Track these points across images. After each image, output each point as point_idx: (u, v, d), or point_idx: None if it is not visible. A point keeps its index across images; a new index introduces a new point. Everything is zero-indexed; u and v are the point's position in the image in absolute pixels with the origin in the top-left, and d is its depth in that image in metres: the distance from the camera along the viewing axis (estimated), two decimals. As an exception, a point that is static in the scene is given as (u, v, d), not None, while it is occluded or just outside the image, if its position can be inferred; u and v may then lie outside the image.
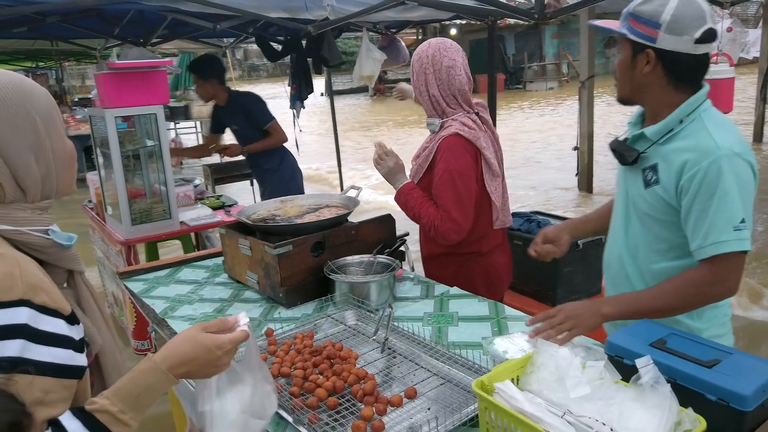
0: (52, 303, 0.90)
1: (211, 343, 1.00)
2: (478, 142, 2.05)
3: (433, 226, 2.04)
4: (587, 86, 7.19)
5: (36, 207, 1.00)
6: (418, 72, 2.09)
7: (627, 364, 1.22)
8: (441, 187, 2.03)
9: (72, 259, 1.05)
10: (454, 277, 2.15)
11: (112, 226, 3.49)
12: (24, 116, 0.96)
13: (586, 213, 2.03)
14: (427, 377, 1.42)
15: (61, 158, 1.04)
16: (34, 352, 0.86)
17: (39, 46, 8.95)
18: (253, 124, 3.89)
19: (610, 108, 14.98)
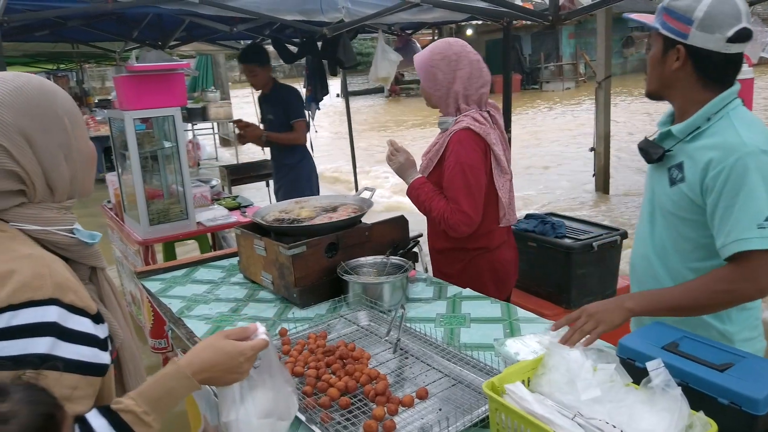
0: (80, 302, 0.93)
1: (233, 349, 1.03)
2: (488, 137, 2.07)
3: (443, 218, 2.07)
4: (604, 87, 7.13)
5: (62, 207, 1.03)
6: (444, 69, 2.09)
7: (638, 366, 1.22)
8: (451, 179, 2.06)
9: (95, 256, 1.08)
10: (462, 273, 2.18)
11: (130, 226, 3.54)
12: (53, 116, 1.00)
13: (601, 215, 2.00)
14: (438, 378, 1.43)
15: (87, 158, 1.07)
16: (62, 350, 0.89)
17: (60, 49, 9.11)
18: (287, 116, 3.92)
19: (628, 109, 14.85)
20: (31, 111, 0.97)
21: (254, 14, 3.46)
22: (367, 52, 23.41)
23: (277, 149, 4.11)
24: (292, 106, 3.94)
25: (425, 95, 2.20)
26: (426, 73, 2.12)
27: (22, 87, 0.98)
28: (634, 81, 21.66)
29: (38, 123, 0.97)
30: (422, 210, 2.16)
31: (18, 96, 0.97)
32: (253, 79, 3.96)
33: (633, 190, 7.58)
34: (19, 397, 0.68)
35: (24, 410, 0.67)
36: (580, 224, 3.39)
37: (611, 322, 1.42)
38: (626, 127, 12.03)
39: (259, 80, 3.96)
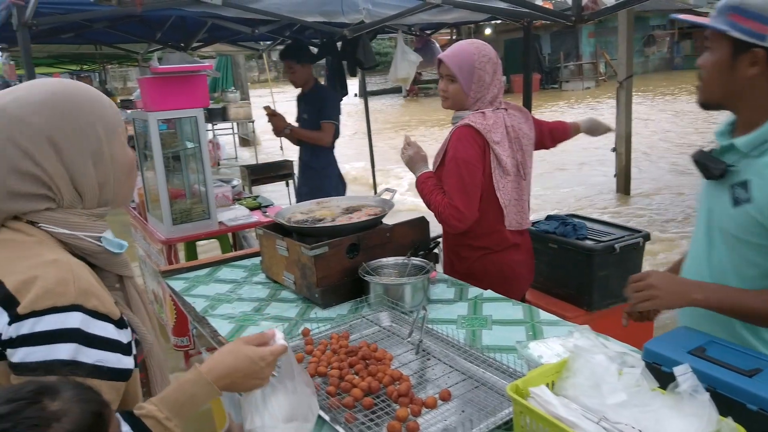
0: (103, 308, 0.94)
1: (255, 354, 1.05)
2: (489, 135, 2.08)
3: (438, 212, 2.14)
4: (626, 86, 7.05)
5: (91, 213, 1.04)
6: (489, 72, 2.12)
7: (665, 371, 1.21)
8: (446, 174, 2.12)
9: (122, 264, 1.10)
10: (469, 271, 2.21)
11: (153, 225, 3.60)
12: (88, 124, 1.01)
13: (622, 216, 1.97)
14: (461, 380, 1.44)
15: (121, 167, 1.08)
16: (85, 355, 0.90)
17: (83, 50, 9.27)
18: (320, 117, 3.90)
19: (649, 108, 14.67)
20: (62, 117, 0.98)
21: (276, 16, 3.49)
22: (385, 51, 23.42)
23: (304, 151, 4.08)
24: (325, 107, 3.91)
25: (455, 94, 2.17)
26: (469, 74, 2.12)
27: (56, 93, 1.00)
28: (655, 80, 21.40)
29: (68, 129, 0.99)
30: (425, 203, 2.22)
31: (50, 101, 0.98)
32: (292, 76, 3.93)
33: (654, 191, 7.49)
34: (69, 396, 0.70)
35: (75, 408, 0.69)
36: (601, 226, 3.36)
37: (666, 304, 1.37)
38: (648, 128, 11.89)
39: (298, 77, 3.92)
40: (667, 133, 11.56)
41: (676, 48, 27.57)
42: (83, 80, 15.26)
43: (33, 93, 0.99)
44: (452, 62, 2.13)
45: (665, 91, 18.63)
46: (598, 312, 3.13)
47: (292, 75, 3.92)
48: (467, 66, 2.12)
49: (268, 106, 4.06)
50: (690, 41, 27.41)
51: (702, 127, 11.88)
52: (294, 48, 3.95)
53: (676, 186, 7.64)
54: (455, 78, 2.14)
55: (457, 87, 2.16)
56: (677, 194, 7.26)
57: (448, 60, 2.15)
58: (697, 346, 1.25)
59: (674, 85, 20.25)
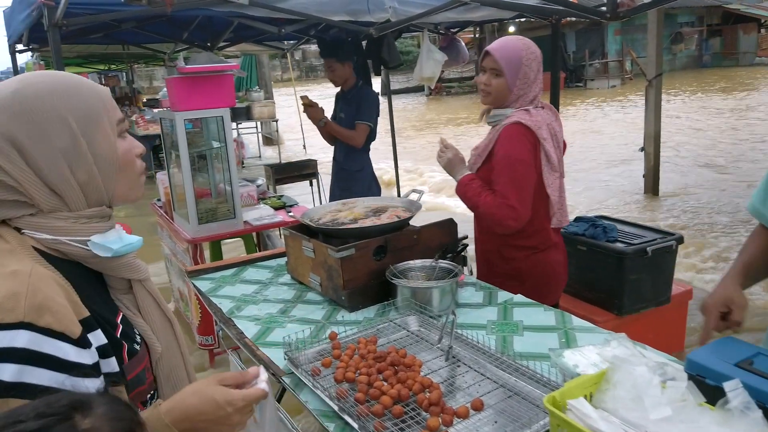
0: (58, 325, 0.85)
1: (222, 398, 0.93)
2: (539, 131, 2.04)
3: (490, 213, 2.06)
4: (655, 85, 6.90)
5: (81, 216, 0.96)
6: (534, 69, 2.08)
7: (710, 384, 1.16)
8: (499, 173, 2.05)
9: (124, 268, 1.02)
10: (515, 271, 2.15)
11: (179, 224, 3.62)
12: (54, 120, 0.92)
13: (651, 218, 1.90)
14: (493, 389, 1.39)
15: (108, 162, 0.97)
16: (34, 376, 0.82)
17: (111, 50, 9.41)
18: (356, 117, 3.82)
19: (678, 107, 14.37)
20: (24, 116, 0.90)
21: (302, 15, 3.47)
22: (407, 51, 23.37)
23: (338, 151, 4.01)
24: (362, 108, 3.81)
25: (499, 89, 2.10)
26: (516, 69, 2.06)
27: (19, 91, 0.91)
28: (683, 78, 20.96)
29: (33, 128, 0.90)
30: (470, 206, 2.16)
31: (10, 99, 0.90)
32: (331, 75, 3.85)
33: (683, 192, 7.32)
34: (102, 412, 0.66)
35: (106, 427, 0.65)
36: (632, 228, 3.29)
37: None
38: (676, 127, 11.64)
39: (337, 76, 3.84)
40: (697, 132, 11.31)
41: (704, 45, 26.99)
42: (111, 80, 15.55)
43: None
44: (500, 55, 2.06)
45: (693, 90, 18.24)
46: (629, 317, 3.06)
47: (331, 73, 3.84)
48: (515, 60, 2.06)
49: (306, 96, 3.97)
50: (719, 38, 26.81)
51: (731, 126, 11.60)
52: (334, 46, 3.85)
53: (706, 187, 7.46)
54: (501, 72, 2.07)
55: (501, 82, 2.09)
56: (707, 195, 7.09)
57: (496, 53, 2.07)
58: (744, 358, 1.19)
59: (703, 83, 19.81)
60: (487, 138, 2.17)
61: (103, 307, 0.99)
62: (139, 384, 1.02)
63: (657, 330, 3.18)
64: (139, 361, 1.02)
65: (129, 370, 0.99)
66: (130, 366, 1.00)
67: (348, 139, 3.83)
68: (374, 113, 3.87)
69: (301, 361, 1.55)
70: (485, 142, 2.16)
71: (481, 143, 2.19)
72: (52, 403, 0.65)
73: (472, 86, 25.49)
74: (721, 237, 5.54)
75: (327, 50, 3.84)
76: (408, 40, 25.26)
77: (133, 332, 1.04)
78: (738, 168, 8.37)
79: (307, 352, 1.60)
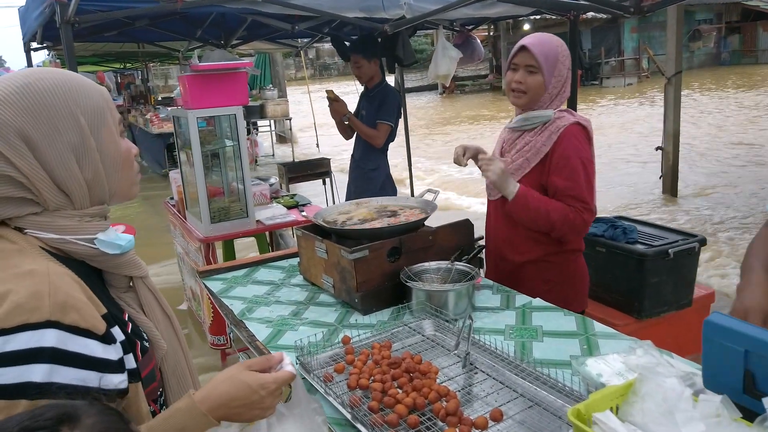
0: (83, 322, 0.85)
1: (255, 382, 0.94)
2: (592, 132, 2.00)
3: (567, 221, 1.94)
4: (674, 82, 6.77)
5: (84, 214, 0.95)
6: (567, 66, 2.00)
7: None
8: (574, 176, 1.94)
9: (128, 265, 1.01)
10: (554, 280, 2.05)
11: (192, 223, 3.59)
12: (65, 116, 0.91)
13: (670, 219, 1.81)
14: (512, 398, 1.34)
15: (113, 160, 0.98)
16: (62, 376, 0.81)
17: (126, 49, 9.45)
18: (377, 116, 3.78)
19: (696, 105, 14.16)
20: (35, 110, 0.89)
21: (317, 12, 3.43)
22: (420, 48, 23.27)
23: (357, 149, 3.97)
24: (384, 108, 3.76)
25: (535, 88, 1.97)
26: (553, 66, 1.95)
27: (30, 85, 0.90)
28: (700, 76, 20.66)
29: (43, 123, 0.89)
30: (534, 217, 1.97)
31: (22, 94, 0.89)
32: (357, 71, 3.80)
33: (703, 192, 7.19)
34: (91, 423, 0.62)
35: None
36: (652, 229, 3.21)
37: None
38: (694, 125, 11.45)
39: (363, 73, 3.79)
40: (716, 131, 11.12)
41: (723, 43, 26.57)
42: (126, 78, 15.65)
43: (3, 86, 0.89)
44: (539, 51, 1.93)
45: (712, 88, 17.96)
46: (649, 320, 2.99)
47: (357, 70, 3.79)
48: (552, 57, 1.95)
49: (331, 90, 3.91)
50: (738, 36, 26.38)
51: (752, 124, 11.38)
52: (362, 42, 3.81)
53: (726, 187, 7.31)
54: (539, 68, 1.94)
55: (538, 79, 1.95)
56: (727, 196, 6.95)
57: (534, 48, 1.93)
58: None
59: (721, 81, 19.50)
60: (531, 141, 2.01)
61: (110, 304, 0.98)
62: (151, 381, 1.02)
63: (677, 334, 3.10)
64: (150, 359, 1.02)
65: (142, 367, 0.99)
66: (143, 363, 0.99)
67: (370, 137, 3.79)
68: (395, 113, 3.82)
69: (313, 366, 1.50)
70: (534, 144, 1.99)
71: (524, 147, 2.03)
72: (37, 416, 0.61)
73: (486, 84, 25.35)
74: (742, 238, 5.42)
75: (355, 46, 3.80)
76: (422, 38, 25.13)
77: (140, 330, 1.03)
78: (759, 168, 8.20)
79: (319, 356, 1.55)
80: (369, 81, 3.84)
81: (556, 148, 1.95)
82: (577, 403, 1.27)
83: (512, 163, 2.05)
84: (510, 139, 2.13)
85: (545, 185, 2.00)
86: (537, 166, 2.00)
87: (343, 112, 3.81)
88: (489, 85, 25.22)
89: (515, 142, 2.08)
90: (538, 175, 1.99)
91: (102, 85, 1.02)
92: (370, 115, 3.80)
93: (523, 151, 2.03)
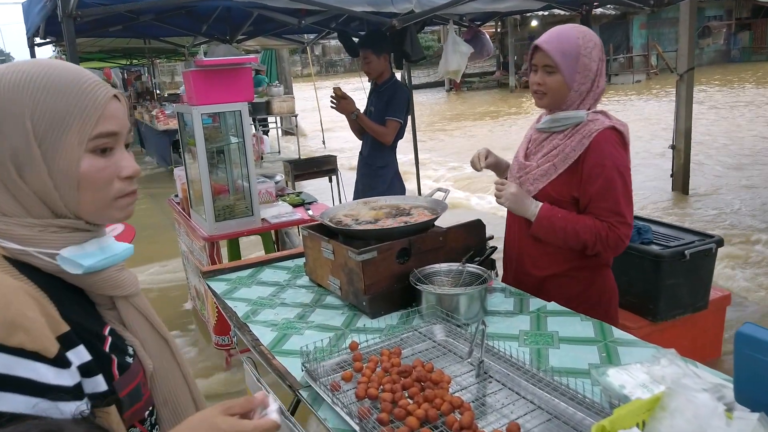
0: (31, 344, 0.76)
1: (230, 429, 0.84)
2: (629, 136, 1.84)
3: (599, 239, 1.77)
4: (686, 79, 6.65)
5: (49, 224, 0.86)
6: (596, 60, 1.80)
7: (778, 413, 1.02)
8: (611, 187, 1.77)
9: (105, 284, 0.91)
10: (579, 297, 1.89)
11: (196, 222, 3.54)
12: (10, 116, 0.82)
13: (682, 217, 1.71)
14: (530, 410, 1.27)
15: (65, 178, 0.85)
16: (6, 402, 0.73)
17: (133, 45, 9.42)
18: (386, 113, 3.71)
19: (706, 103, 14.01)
20: None
21: (324, 6, 3.37)
22: (427, 45, 23.14)
23: (365, 146, 3.91)
24: (393, 104, 3.69)
25: (557, 88, 1.81)
26: (574, 61, 1.77)
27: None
28: (710, 73, 20.45)
29: None
30: (560, 237, 1.84)
31: None
32: (366, 66, 3.73)
33: (714, 191, 7.07)
34: None
35: None
36: (667, 229, 3.13)
37: None
38: (705, 123, 11.32)
39: (372, 68, 3.72)
40: (727, 128, 10.98)
41: (733, 40, 26.30)
42: (132, 74, 15.63)
43: None
44: (552, 48, 1.77)
45: (722, 85, 17.77)
46: (664, 323, 2.91)
47: (366, 66, 3.72)
48: (571, 51, 1.77)
49: (339, 87, 3.84)
50: (749, 32, 26.10)
51: (764, 122, 11.23)
52: (371, 37, 3.73)
53: (737, 185, 7.20)
54: (556, 67, 1.78)
55: (558, 80, 1.79)
56: (739, 194, 6.84)
57: (547, 45, 1.78)
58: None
59: (732, 78, 19.29)
60: (560, 144, 1.85)
61: (87, 319, 0.89)
62: (135, 401, 0.92)
63: (693, 337, 3.02)
64: (134, 376, 0.92)
65: (122, 386, 0.89)
66: (122, 381, 0.89)
67: (379, 135, 3.72)
68: (404, 110, 3.74)
69: (319, 373, 1.44)
70: (566, 150, 1.82)
71: (552, 151, 1.86)
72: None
73: (493, 81, 25.20)
74: (756, 237, 5.32)
75: (364, 41, 3.73)
76: (428, 35, 25.02)
77: (125, 344, 0.94)
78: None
79: (325, 363, 1.49)
80: (378, 77, 3.77)
81: (588, 154, 1.78)
82: (599, 416, 1.20)
83: (537, 168, 1.88)
84: (537, 139, 1.95)
85: (576, 195, 1.83)
86: (565, 173, 1.83)
87: (350, 109, 3.75)
88: (496, 82, 25.07)
89: (542, 144, 1.91)
90: (567, 183, 1.83)
91: (108, 82, 0.93)
92: (379, 112, 3.73)
93: (550, 156, 1.86)
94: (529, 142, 2.01)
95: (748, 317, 3.82)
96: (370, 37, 3.74)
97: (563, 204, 1.86)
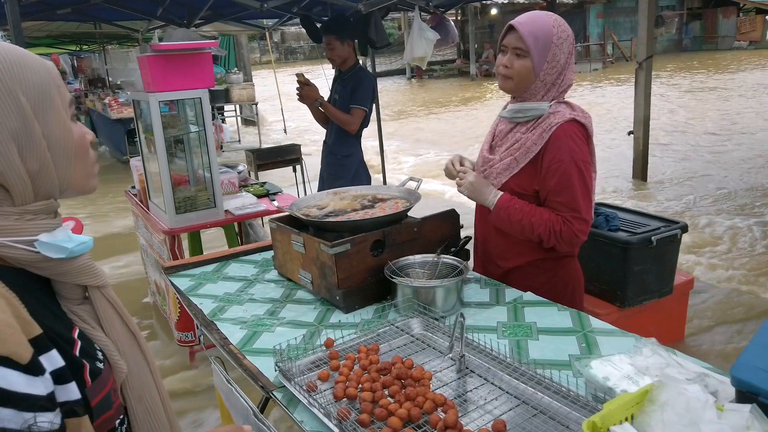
0: (2, 348, 0.70)
1: None
2: (591, 129, 1.79)
3: (554, 232, 1.75)
4: (645, 67, 6.78)
5: (25, 211, 0.81)
6: (566, 51, 1.75)
7: (764, 402, 1.01)
8: (567, 181, 1.73)
9: (80, 272, 0.86)
10: (544, 286, 1.87)
11: (155, 214, 3.40)
12: (5, 93, 0.78)
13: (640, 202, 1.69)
14: (514, 405, 1.24)
15: (63, 148, 0.84)
16: None
17: (83, 29, 9.01)
18: (351, 100, 3.61)
19: (660, 90, 14.37)
20: None
21: (285, -11, 3.24)
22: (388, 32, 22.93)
23: (329, 134, 3.81)
24: (358, 92, 3.59)
25: (523, 73, 1.75)
26: (544, 49, 1.72)
27: None
28: (664, 62, 20.97)
29: None
30: (517, 230, 1.82)
31: None
32: (330, 53, 3.63)
33: (672, 177, 7.26)
34: None
35: None
36: (633, 216, 3.16)
37: None
38: (661, 111, 11.60)
39: (336, 55, 3.63)
40: (681, 116, 11.29)
41: (685, 29, 27.04)
42: (82, 61, 15.00)
43: None
44: (527, 30, 1.71)
45: (675, 73, 18.26)
46: (632, 309, 2.94)
47: (330, 52, 3.62)
48: (544, 38, 1.71)
49: (302, 74, 3.73)
50: (699, 22, 26.87)
51: (716, 110, 11.60)
52: (335, 22, 3.62)
53: (694, 172, 7.41)
54: (527, 52, 1.72)
55: (526, 64, 1.74)
56: (695, 180, 7.03)
57: (522, 27, 1.72)
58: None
59: (684, 67, 19.86)
60: (522, 138, 1.81)
61: (54, 321, 0.82)
62: (105, 409, 0.86)
63: (659, 321, 3.07)
64: (104, 383, 0.86)
65: (93, 393, 0.83)
66: (94, 389, 0.83)
67: (344, 123, 3.63)
68: (370, 98, 3.66)
69: (294, 372, 1.37)
70: (527, 144, 1.78)
71: (514, 144, 1.82)
72: None
73: (454, 69, 25.26)
74: (714, 220, 5.48)
75: (327, 26, 3.62)
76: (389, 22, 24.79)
77: (94, 348, 0.87)
78: (725, 152, 8.34)
79: (300, 362, 1.42)
80: (342, 64, 3.68)
81: (547, 148, 1.74)
82: (584, 409, 1.18)
83: (500, 162, 1.85)
84: (502, 131, 1.91)
85: (538, 189, 1.80)
86: (527, 167, 1.79)
87: (314, 97, 3.65)
88: (457, 70, 25.14)
89: (506, 136, 1.87)
90: (530, 177, 1.80)
91: (57, 68, 0.86)
92: (344, 100, 3.64)
93: (512, 149, 1.82)
94: (495, 133, 1.97)
95: (708, 300, 3.92)
96: (333, 23, 3.64)
97: (526, 198, 1.83)
